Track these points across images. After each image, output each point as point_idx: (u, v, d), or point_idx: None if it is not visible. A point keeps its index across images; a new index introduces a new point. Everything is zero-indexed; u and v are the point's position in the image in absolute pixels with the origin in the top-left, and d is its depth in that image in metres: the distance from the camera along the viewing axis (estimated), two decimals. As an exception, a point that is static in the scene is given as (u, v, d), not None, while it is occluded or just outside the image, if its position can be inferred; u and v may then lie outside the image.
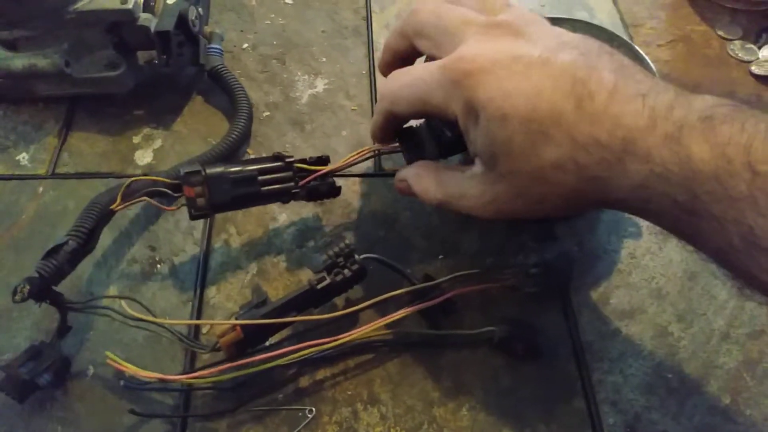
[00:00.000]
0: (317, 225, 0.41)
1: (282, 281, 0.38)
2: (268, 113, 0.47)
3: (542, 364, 0.35)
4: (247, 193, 0.35)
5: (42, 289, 0.32)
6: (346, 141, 0.45)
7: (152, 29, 0.43)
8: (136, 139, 0.45)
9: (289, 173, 0.36)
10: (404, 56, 0.35)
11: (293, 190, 0.36)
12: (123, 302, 0.33)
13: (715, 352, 0.36)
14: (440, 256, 0.39)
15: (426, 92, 0.30)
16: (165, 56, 0.44)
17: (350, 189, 0.42)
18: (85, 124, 0.46)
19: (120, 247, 0.39)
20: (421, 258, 0.39)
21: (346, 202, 0.41)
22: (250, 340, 0.32)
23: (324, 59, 0.51)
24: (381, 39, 0.52)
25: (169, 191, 0.35)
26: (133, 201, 0.35)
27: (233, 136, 0.43)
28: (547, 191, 0.28)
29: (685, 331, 0.36)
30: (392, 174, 0.43)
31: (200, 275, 0.38)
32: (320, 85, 0.49)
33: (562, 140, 0.26)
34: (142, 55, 0.46)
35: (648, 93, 0.26)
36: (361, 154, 0.37)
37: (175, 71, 0.47)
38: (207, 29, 0.49)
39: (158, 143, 0.45)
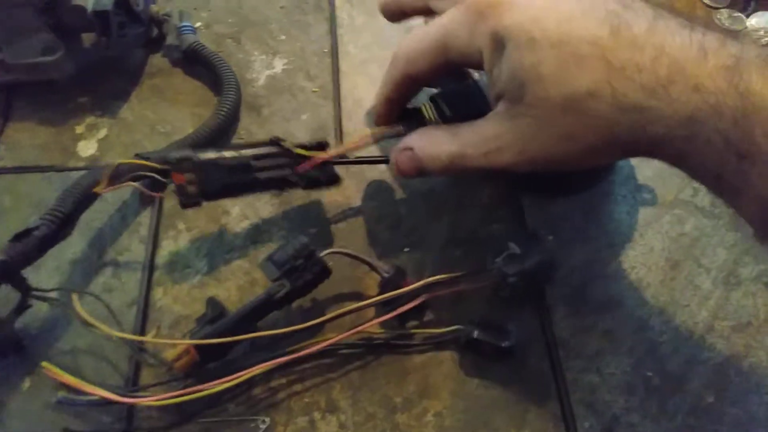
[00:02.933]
0: (273, 218, 0.38)
1: (234, 281, 0.35)
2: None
3: (513, 364, 0.33)
4: (240, 181, 0.33)
5: (4, 274, 0.30)
6: (306, 125, 0.42)
7: (89, 9, 0.39)
8: (79, 129, 0.42)
9: (286, 160, 0.33)
10: (413, 14, 0.33)
11: (290, 178, 0.33)
12: (74, 297, 0.31)
13: (699, 347, 0.33)
14: (406, 249, 0.37)
15: (448, 34, 0.28)
16: (105, 38, 0.41)
17: (310, 178, 0.39)
18: (25, 114, 0.43)
19: (61, 247, 0.36)
20: (385, 251, 0.37)
21: (304, 193, 0.38)
22: (206, 358, 0.30)
23: (283, 37, 0.47)
24: (344, 14, 0.49)
25: (159, 176, 0.33)
26: (119, 185, 0.33)
27: (224, 111, 0.40)
28: (578, 123, 0.25)
29: (666, 325, 0.34)
30: (356, 162, 0.40)
31: (146, 276, 0.35)
32: (278, 65, 0.46)
33: (597, 64, 0.24)
34: (87, 38, 0.43)
35: (694, 27, 0.24)
36: (363, 138, 0.34)
37: (119, 54, 0.43)
38: (155, 8, 0.46)
39: (103, 133, 0.42)
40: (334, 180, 0.36)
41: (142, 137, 0.41)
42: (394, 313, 0.32)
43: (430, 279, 0.32)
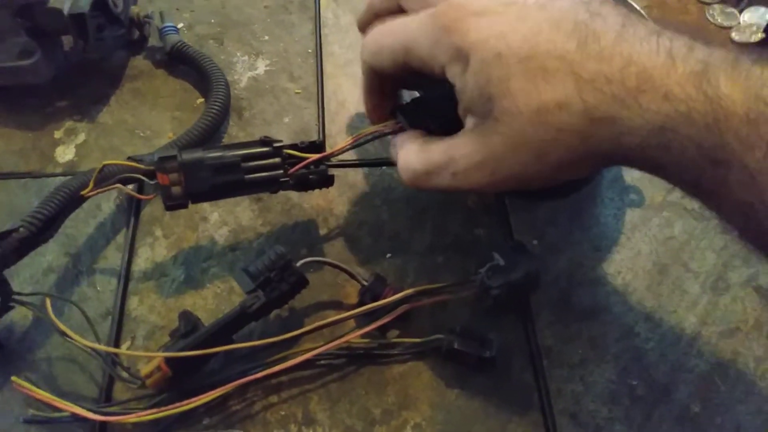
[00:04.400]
0: (252, 224, 0.37)
1: (212, 289, 0.34)
2: (201, 99, 0.43)
3: (495, 374, 0.32)
4: (228, 182, 0.31)
5: None
6: (289, 128, 0.41)
7: (65, 12, 0.38)
8: (57, 134, 0.41)
9: (277, 160, 0.32)
10: (385, 16, 0.32)
11: (281, 179, 0.32)
12: (48, 302, 0.30)
13: (686, 354, 0.33)
14: (388, 255, 0.36)
15: (411, 39, 0.27)
16: (83, 41, 0.40)
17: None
18: (1, 119, 0.42)
19: (34, 255, 0.35)
20: (366, 258, 0.36)
21: (285, 198, 0.38)
22: (180, 373, 0.29)
23: (266, 37, 0.46)
24: (329, 14, 0.48)
25: (145, 178, 0.32)
26: (106, 187, 0.32)
27: (214, 110, 0.40)
28: (550, 138, 0.24)
29: (653, 331, 0.33)
30: (338, 165, 0.39)
31: (122, 285, 0.34)
32: (261, 66, 0.45)
33: (566, 78, 0.23)
34: (67, 41, 0.42)
35: (661, 33, 0.23)
36: (358, 137, 0.32)
37: (98, 57, 0.43)
38: (136, 9, 0.45)
39: (81, 138, 0.41)
40: (327, 181, 0.34)
41: (121, 142, 0.41)
42: (374, 325, 0.31)
43: (410, 291, 0.32)
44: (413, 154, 0.29)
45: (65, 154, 0.40)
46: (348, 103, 0.43)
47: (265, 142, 0.32)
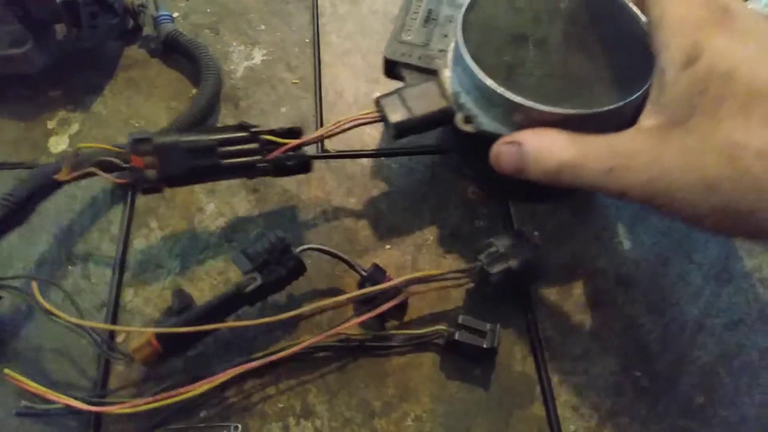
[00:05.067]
0: (249, 215, 0.36)
1: (208, 281, 0.34)
2: (197, 89, 0.42)
3: (496, 366, 0.31)
4: (204, 166, 0.31)
5: None
6: (286, 118, 0.41)
7: (58, -1, 0.38)
8: (50, 124, 0.40)
9: (255, 145, 0.32)
10: None
11: (259, 164, 0.32)
12: (34, 285, 0.29)
13: (689, 345, 0.32)
14: (387, 246, 0.35)
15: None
16: (76, 29, 0.39)
17: (288, 173, 0.38)
18: (-6, 109, 0.41)
19: (26, 246, 0.35)
20: (366, 248, 0.35)
21: (282, 189, 0.37)
22: (169, 350, 0.29)
23: (263, 27, 0.46)
24: (326, 2, 0.47)
25: (119, 161, 0.31)
26: (82, 172, 0.31)
27: (204, 97, 0.39)
28: (726, 177, 0.22)
29: (656, 323, 0.33)
30: (336, 156, 0.39)
31: (116, 277, 0.34)
32: (258, 56, 0.44)
33: None
34: (61, 29, 0.41)
35: None
36: (338, 125, 0.32)
37: (91, 46, 0.42)
38: (131, -3, 0.44)
39: (75, 128, 0.40)
40: (305, 167, 0.34)
41: (116, 132, 0.40)
42: (374, 312, 0.30)
43: (410, 276, 0.31)
44: (562, 143, 0.26)
45: (58, 144, 0.39)
46: (346, 93, 0.42)
47: (243, 126, 0.32)
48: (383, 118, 0.32)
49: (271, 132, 0.32)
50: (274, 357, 0.29)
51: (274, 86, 0.43)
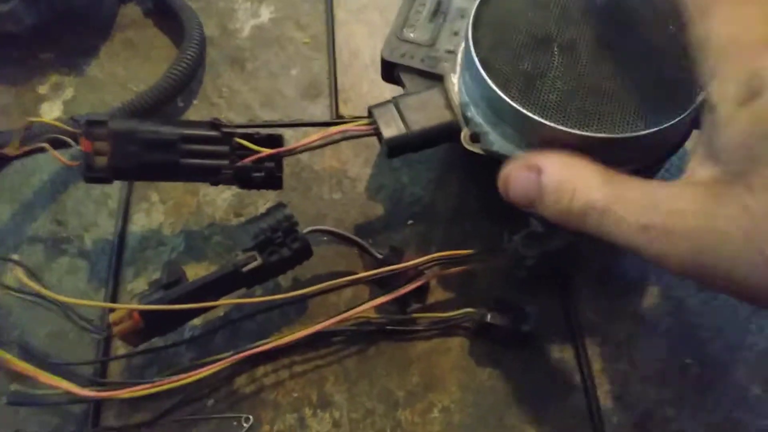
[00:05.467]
0: (259, 187, 0.33)
1: (215, 260, 0.31)
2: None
3: (532, 352, 0.29)
4: (160, 162, 0.27)
5: None
6: (297, 81, 0.38)
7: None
8: (42, 89, 0.37)
9: (225, 148, 0.28)
10: None
11: (225, 170, 0.28)
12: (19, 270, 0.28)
13: (743, 330, 0.29)
14: (409, 222, 0.32)
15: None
16: (65, -17, 0.36)
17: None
18: (-20, 73, 0.38)
19: (20, 223, 0.32)
20: (385, 225, 0.32)
21: (295, 160, 0.34)
22: (153, 328, 0.26)
23: (270, -18, 0.42)
24: (339, -45, 0.43)
25: (72, 141, 0.28)
26: (31, 147, 0.29)
27: (181, 66, 0.35)
28: None
29: (706, 305, 0.30)
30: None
31: (115, 254, 0.31)
32: (265, 13, 0.41)
33: None
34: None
35: None
36: (325, 136, 0.28)
37: (87, 4, 0.39)
38: (125, -51, 0.41)
39: (69, 93, 0.37)
40: (274, 183, 0.29)
41: (113, 97, 0.37)
42: (392, 295, 0.28)
43: (435, 255, 0.28)
44: (593, 179, 0.21)
45: (52, 110, 0.36)
46: (362, 53, 0.39)
47: (215, 124, 0.28)
48: (376, 132, 0.28)
49: (247, 136, 0.28)
50: (286, 340, 0.27)
51: (284, 46, 0.39)
